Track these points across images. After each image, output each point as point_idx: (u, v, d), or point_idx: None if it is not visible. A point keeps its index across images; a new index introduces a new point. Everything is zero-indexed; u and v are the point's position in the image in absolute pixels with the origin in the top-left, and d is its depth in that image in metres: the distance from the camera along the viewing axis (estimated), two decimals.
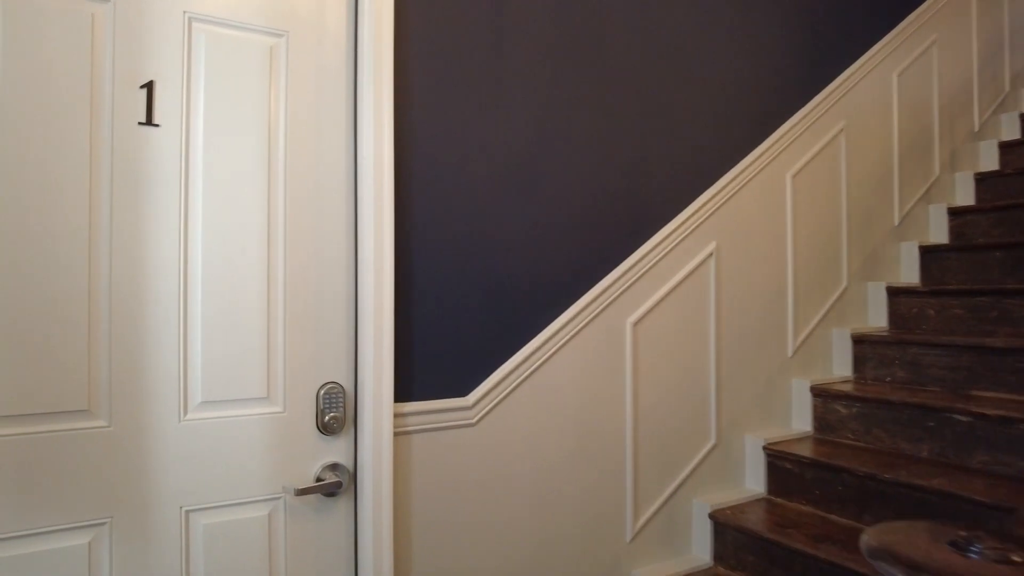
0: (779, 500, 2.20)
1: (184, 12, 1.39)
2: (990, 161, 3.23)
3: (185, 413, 1.38)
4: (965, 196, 3.11)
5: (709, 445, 2.19)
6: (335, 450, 1.55)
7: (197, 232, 1.40)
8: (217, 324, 1.41)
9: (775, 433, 2.34)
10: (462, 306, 1.69)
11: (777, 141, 2.43)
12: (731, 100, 2.30)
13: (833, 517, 2.03)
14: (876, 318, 2.73)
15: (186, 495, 1.38)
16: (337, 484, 1.50)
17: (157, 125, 1.36)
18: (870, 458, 2.07)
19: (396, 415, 1.57)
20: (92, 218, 1.30)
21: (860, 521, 1.97)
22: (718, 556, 2.08)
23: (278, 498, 1.48)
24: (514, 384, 1.75)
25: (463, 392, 1.68)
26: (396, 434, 1.57)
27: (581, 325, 1.89)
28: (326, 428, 1.52)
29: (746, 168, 2.33)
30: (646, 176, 2.07)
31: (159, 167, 1.36)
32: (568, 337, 1.86)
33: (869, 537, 1.28)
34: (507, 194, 1.77)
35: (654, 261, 2.06)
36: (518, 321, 1.78)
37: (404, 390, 1.60)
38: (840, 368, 2.59)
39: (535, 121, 1.83)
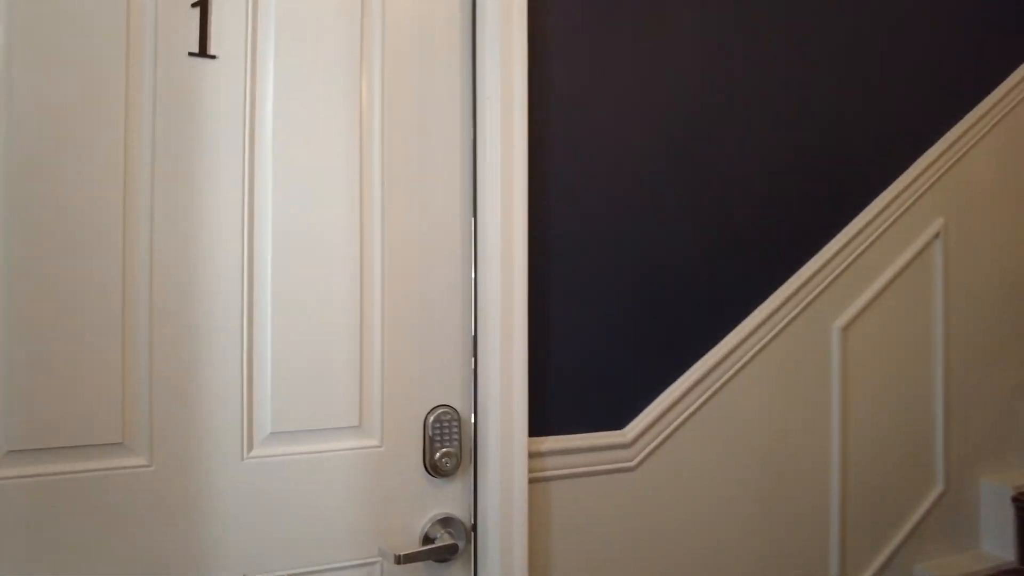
0: None
1: None
2: None
3: (249, 448, 1.02)
4: None
5: (935, 492, 1.63)
6: (447, 498, 1.14)
7: (266, 207, 1.03)
8: (292, 329, 1.04)
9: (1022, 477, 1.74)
10: (614, 310, 1.24)
11: (1016, 86, 1.82)
12: (954, 35, 1.72)
13: None
14: None
15: (251, 558, 1.01)
16: (452, 548, 1.09)
17: (213, 56, 1.00)
18: None
19: (530, 454, 1.14)
20: (128, 187, 0.96)
21: None
22: None
23: (373, 563, 1.09)
24: (685, 414, 1.29)
25: (617, 423, 1.23)
26: (530, 480, 1.14)
27: (772, 333, 1.39)
28: (436, 468, 1.12)
29: (978, 121, 1.75)
30: (849, 135, 1.55)
31: (216, 114, 1.00)
32: (756, 349, 1.37)
33: None
34: (671, 164, 1.31)
35: (864, 246, 1.53)
36: (689, 329, 1.31)
37: (537, 420, 1.17)
38: None
39: (707, 68, 1.36)
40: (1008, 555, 1.66)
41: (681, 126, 1.32)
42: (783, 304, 1.41)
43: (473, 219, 1.17)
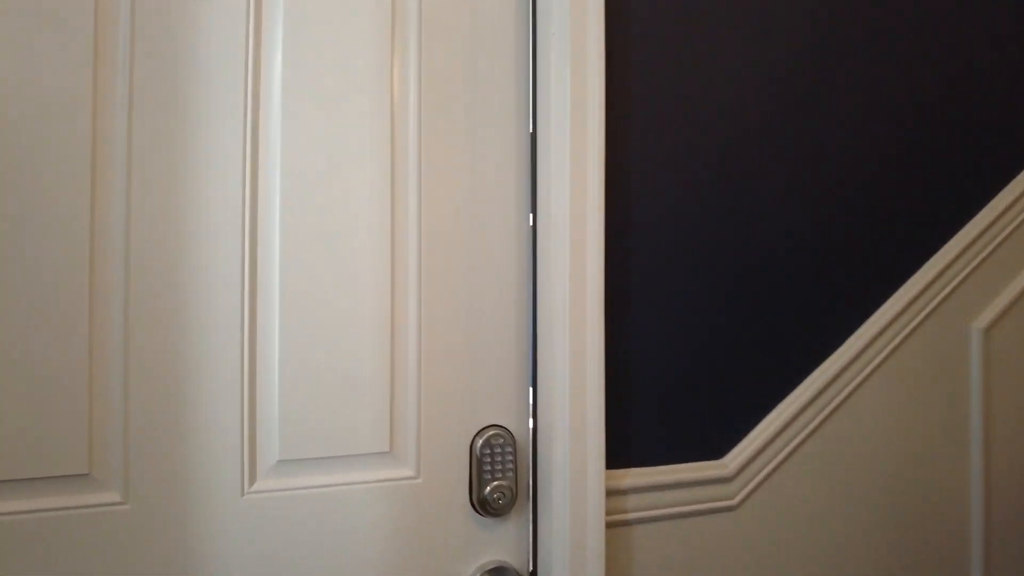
0: None
1: None
2: None
3: (251, 481, 0.80)
4: None
5: None
6: (499, 543, 0.91)
7: (273, 180, 0.82)
8: (305, 331, 0.82)
9: None
10: (709, 315, 0.99)
11: None
12: None
13: None
14: None
15: None
16: None
17: None
18: None
19: (607, 491, 0.90)
20: (97, 155, 0.75)
21: None
22: None
23: None
24: (798, 438, 1.03)
25: (715, 452, 0.98)
26: (608, 524, 0.90)
27: (898, 339, 1.13)
28: (485, 505, 0.89)
29: None
30: (987, 91, 1.26)
31: (210, 62, 0.79)
32: (879, 359, 1.11)
33: None
34: (774, 146, 1.06)
35: (1009, 228, 1.25)
36: (799, 337, 1.05)
37: (615, 448, 0.92)
38: None
39: (811, 26, 1.10)
40: None
41: (786, 97, 1.07)
42: (910, 303, 1.14)
43: (531, 189, 0.93)
